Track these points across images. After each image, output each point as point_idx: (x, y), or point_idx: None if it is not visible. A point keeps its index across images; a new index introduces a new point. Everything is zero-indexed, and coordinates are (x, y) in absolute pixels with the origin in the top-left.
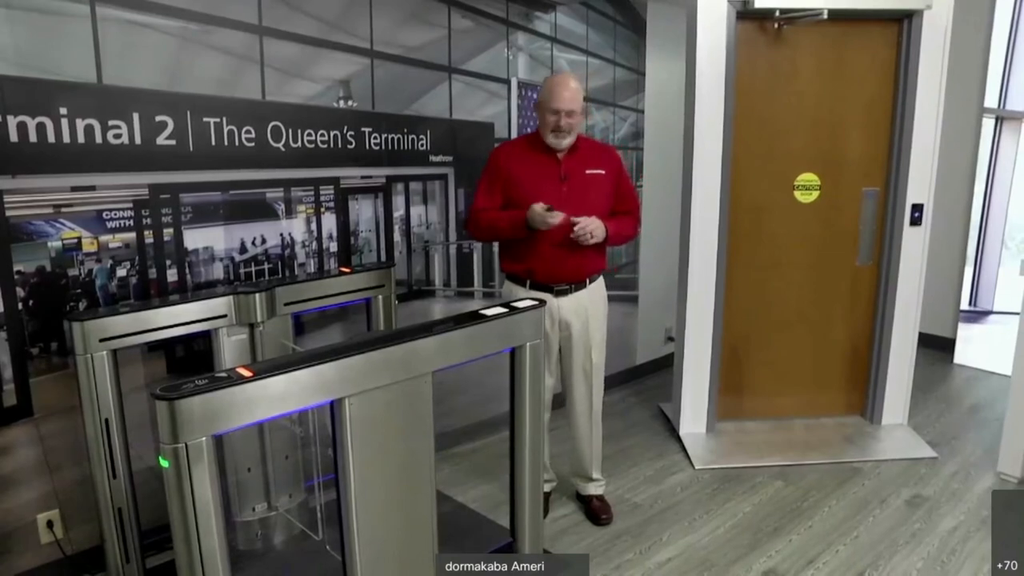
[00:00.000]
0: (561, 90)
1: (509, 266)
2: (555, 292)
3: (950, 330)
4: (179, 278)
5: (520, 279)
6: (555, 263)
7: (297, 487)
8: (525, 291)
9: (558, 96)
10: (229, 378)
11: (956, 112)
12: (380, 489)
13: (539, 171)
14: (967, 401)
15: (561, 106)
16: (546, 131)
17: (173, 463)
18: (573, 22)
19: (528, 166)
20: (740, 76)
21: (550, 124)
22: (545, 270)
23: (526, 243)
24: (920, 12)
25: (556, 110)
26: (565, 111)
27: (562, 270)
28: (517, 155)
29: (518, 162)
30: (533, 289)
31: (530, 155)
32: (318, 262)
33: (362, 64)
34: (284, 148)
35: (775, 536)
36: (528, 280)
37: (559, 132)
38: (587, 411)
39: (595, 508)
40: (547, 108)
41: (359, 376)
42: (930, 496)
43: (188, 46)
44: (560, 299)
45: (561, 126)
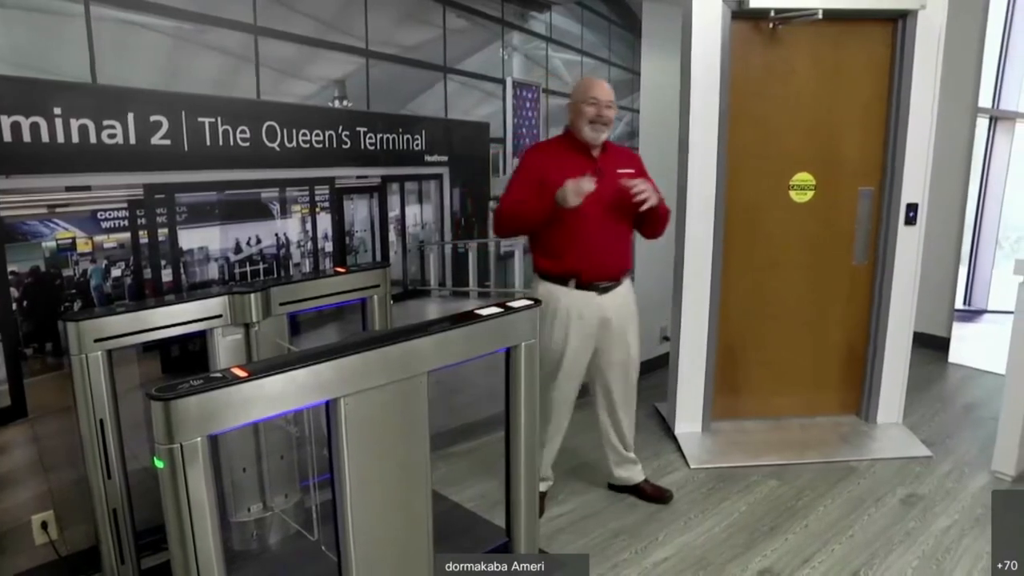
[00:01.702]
0: (599, 83)
1: (550, 266)
2: (600, 290)
3: (945, 329)
4: (174, 278)
5: (563, 280)
6: (600, 261)
7: (293, 487)
8: (567, 292)
9: (598, 87)
10: (224, 378)
11: (950, 112)
12: (376, 489)
13: (575, 169)
14: (962, 400)
15: (601, 96)
16: (583, 123)
17: (168, 463)
18: (568, 22)
19: (564, 164)
20: (735, 76)
21: (588, 115)
22: (591, 269)
23: (570, 243)
24: (914, 12)
25: (596, 100)
26: (605, 102)
27: (606, 267)
28: (552, 154)
29: (553, 160)
30: (578, 289)
31: (565, 153)
32: (313, 262)
33: (357, 64)
34: (279, 148)
35: (771, 535)
36: (573, 280)
37: (597, 124)
38: (627, 403)
39: (653, 492)
40: (585, 100)
41: (354, 376)
42: (925, 495)
43: (183, 46)
44: (603, 297)
45: (602, 116)
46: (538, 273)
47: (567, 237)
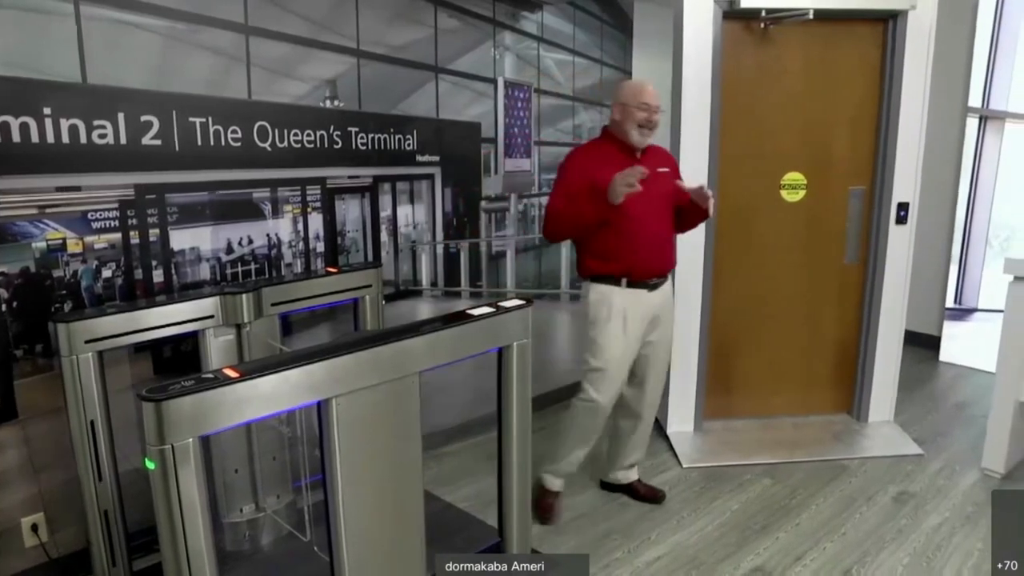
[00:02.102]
0: (650, 87)
1: (601, 267)
2: (650, 287)
3: (936, 328)
4: (165, 279)
5: (615, 279)
6: (650, 258)
7: (285, 488)
8: (620, 291)
9: (649, 92)
10: (216, 379)
11: (941, 111)
12: (368, 489)
13: (620, 169)
14: (953, 398)
15: (651, 101)
16: (632, 127)
17: (159, 465)
18: (560, 21)
19: (612, 167)
20: (726, 76)
21: (638, 120)
22: (644, 266)
23: (621, 242)
24: (905, 12)
25: (647, 104)
26: (654, 107)
27: (656, 264)
28: (599, 158)
29: (601, 164)
30: (629, 287)
31: (611, 156)
32: (305, 262)
33: (349, 64)
34: (271, 148)
35: (763, 534)
36: (625, 279)
37: (646, 129)
38: (655, 401)
39: (646, 492)
40: (636, 104)
41: (346, 376)
42: (916, 492)
43: (174, 45)
44: (652, 294)
45: (651, 121)
46: (588, 276)
47: (618, 237)
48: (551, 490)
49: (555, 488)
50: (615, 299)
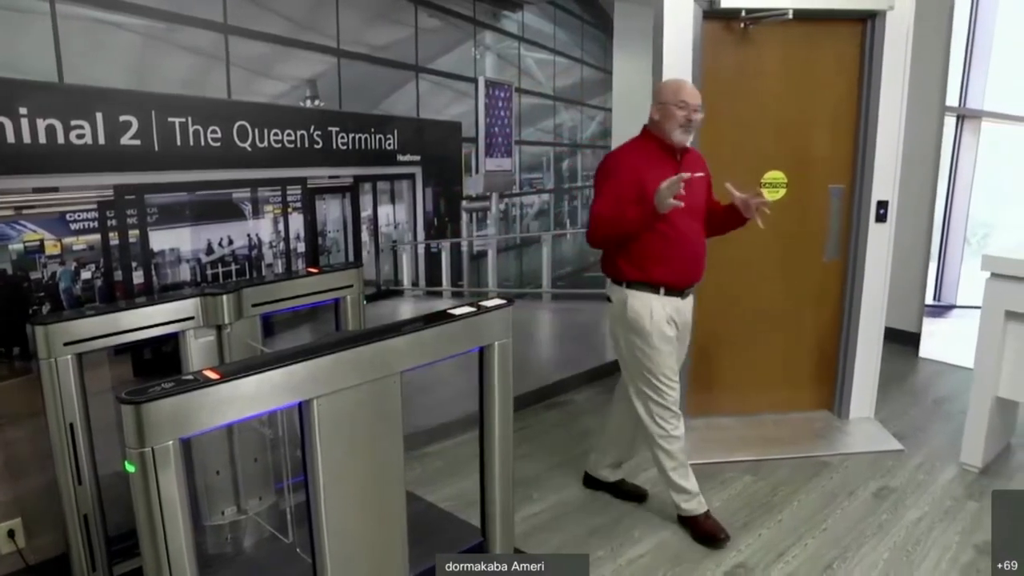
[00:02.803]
0: (689, 86)
1: (641, 274)
2: (683, 296)
3: (915, 325)
4: (145, 280)
5: (655, 287)
6: (692, 265)
7: (267, 489)
8: (660, 298)
9: (688, 91)
10: (196, 381)
11: (919, 110)
12: (350, 490)
13: (666, 173)
14: (932, 394)
15: (691, 99)
16: (674, 127)
17: (139, 468)
18: (541, 21)
19: (657, 169)
20: (707, 75)
21: (679, 119)
22: (685, 274)
23: (667, 250)
24: (883, 13)
25: (685, 103)
26: (694, 105)
27: (695, 271)
28: (643, 160)
29: (646, 166)
30: (667, 295)
31: (654, 158)
32: (286, 262)
33: (329, 63)
34: (251, 148)
35: (745, 531)
36: (663, 287)
37: (687, 128)
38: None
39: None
40: (675, 103)
41: (327, 377)
42: (896, 488)
43: (153, 44)
44: (683, 302)
45: (692, 119)
46: (624, 282)
47: (662, 245)
48: (697, 514)
49: (698, 510)
50: (655, 307)
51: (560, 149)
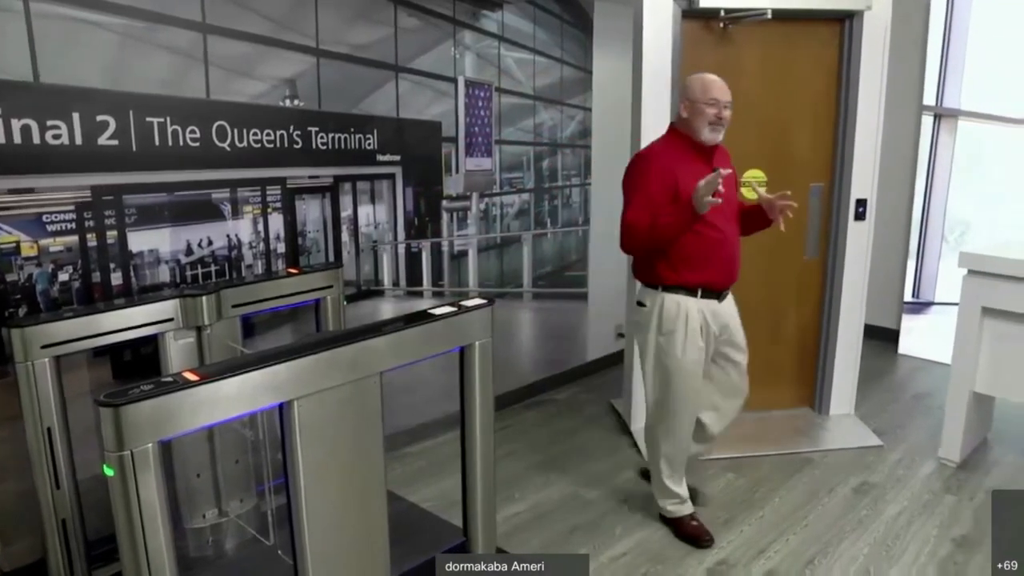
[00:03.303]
0: (717, 82)
1: (678, 277)
2: (721, 298)
3: (894, 321)
4: (124, 282)
5: (691, 290)
6: (730, 267)
7: (248, 492)
8: (696, 300)
9: (718, 87)
10: (175, 382)
11: (897, 110)
12: (330, 491)
13: (699, 173)
14: (911, 390)
15: (721, 96)
16: (703, 125)
17: (118, 471)
18: (520, 20)
19: (691, 169)
20: (686, 75)
21: (709, 117)
22: (723, 275)
23: (706, 252)
24: (861, 13)
25: (716, 100)
26: (724, 102)
27: (732, 273)
28: (675, 159)
29: (679, 166)
30: (704, 298)
31: (687, 157)
32: (266, 263)
33: (308, 63)
34: (230, 148)
35: (727, 527)
36: (701, 289)
37: (717, 125)
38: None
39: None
40: (705, 100)
41: (307, 377)
42: (876, 483)
43: (130, 44)
44: (723, 303)
45: (723, 117)
46: (659, 285)
47: (700, 246)
48: (687, 515)
49: (689, 511)
50: (692, 309)
51: (540, 149)
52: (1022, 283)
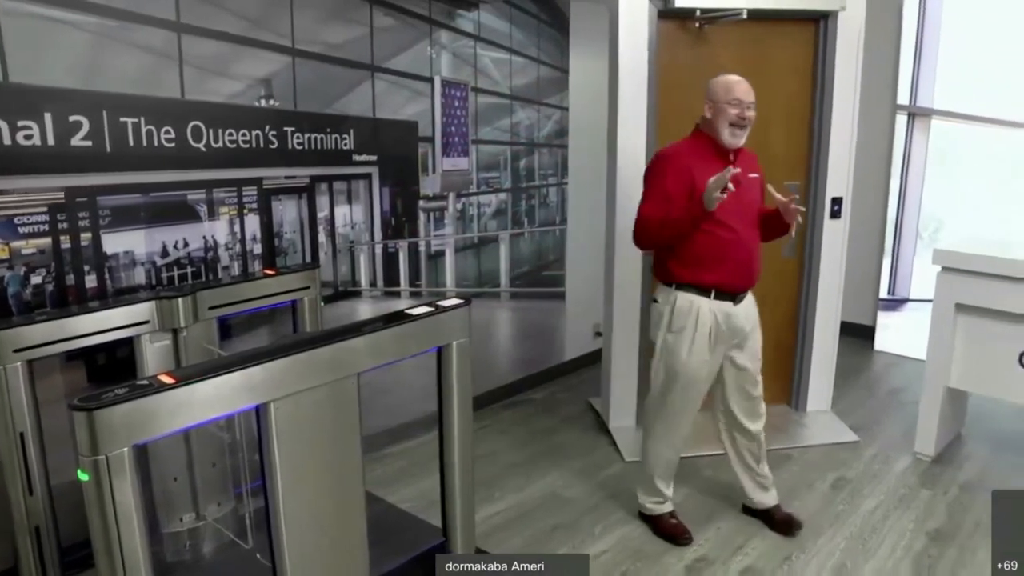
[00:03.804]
0: (740, 83)
1: (691, 276)
2: (736, 300)
3: (870, 318)
4: (98, 284)
5: (705, 290)
6: (745, 268)
7: (226, 495)
8: (709, 301)
9: (741, 87)
10: (150, 386)
11: (871, 109)
12: (308, 493)
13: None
14: (886, 386)
15: (744, 97)
16: (724, 126)
17: (93, 476)
18: (496, 20)
19: (710, 169)
20: (662, 74)
21: (730, 118)
22: (736, 277)
23: (718, 252)
24: (835, 13)
25: (739, 100)
26: (747, 103)
27: (749, 275)
28: (695, 159)
29: (698, 165)
30: (717, 299)
31: (707, 157)
32: (242, 264)
33: (283, 62)
34: (205, 148)
35: (705, 525)
36: (714, 290)
37: (738, 127)
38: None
39: (783, 519)
40: (727, 100)
41: (284, 379)
42: (853, 478)
43: (103, 43)
44: (738, 306)
45: (744, 118)
46: (672, 283)
47: (713, 245)
48: (667, 513)
49: (668, 510)
50: (703, 309)
51: (517, 148)
52: (994, 279)
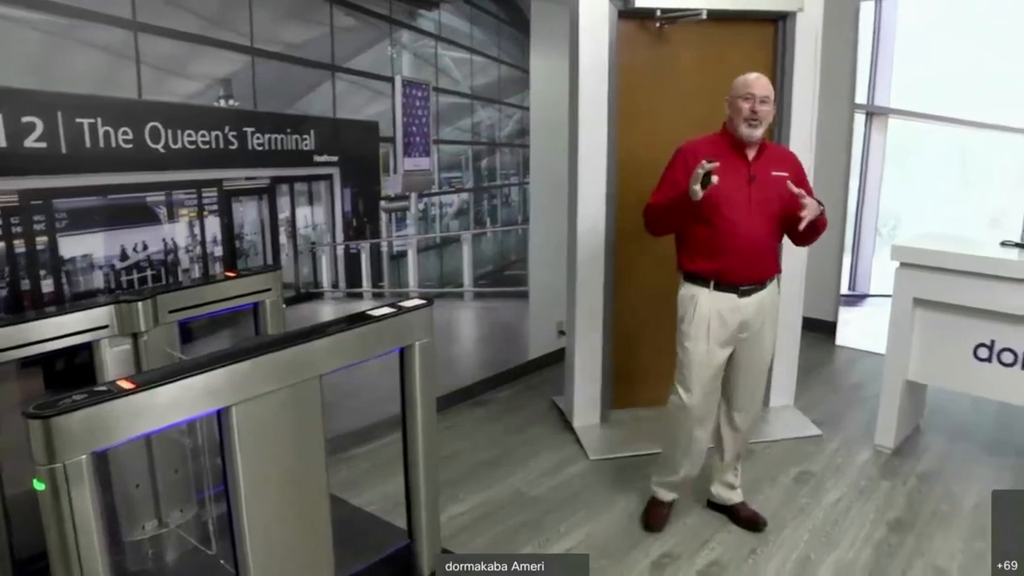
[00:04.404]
0: (755, 78)
1: (692, 265)
2: (740, 293)
3: (831, 314)
4: (55, 289)
5: (704, 280)
6: (743, 263)
7: (189, 501)
8: (709, 292)
9: (753, 83)
10: (109, 392)
11: (830, 108)
12: (272, 497)
13: (729, 169)
14: (848, 380)
15: (756, 91)
16: (739, 120)
17: (49, 485)
18: (457, 20)
19: (723, 163)
20: (623, 74)
21: (744, 112)
22: (736, 270)
23: (714, 244)
24: (793, 14)
25: (750, 95)
26: (759, 97)
27: (751, 270)
28: (709, 153)
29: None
30: (717, 291)
31: (722, 152)
32: (203, 267)
33: (243, 62)
34: (164, 149)
35: (671, 520)
36: (714, 281)
37: (752, 121)
38: (752, 412)
39: (748, 517)
40: (740, 96)
41: (244, 383)
42: (816, 472)
43: (56, 42)
44: (744, 299)
45: (757, 111)
46: (682, 274)
47: (711, 238)
48: (662, 500)
49: (666, 499)
50: (701, 300)
51: (479, 148)
52: (950, 274)
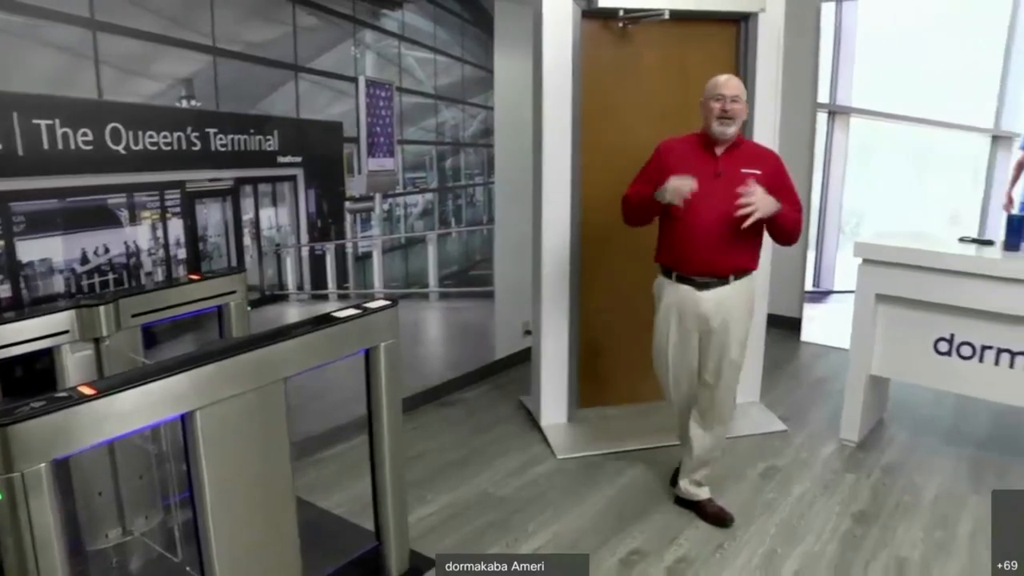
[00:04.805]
0: (724, 79)
1: (659, 257)
2: (697, 285)
3: (796, 310)
4: (13, 294)
5: (667, 271)
6: (701, 256)
7: (154, 508)
8: (671, 283)
9: (723, 84)
10: (70, 398)
11: (793, 107)
12: (237, 502)
13: (695, 165)
14: (813, 376)
15: (726, 91)
16: (711, 119)
17: (7, 495)
18: (421, 20)
19: (686, 160)
20: (587, 73)
21: (715, 111)
22: (691, 262)
23: (676, 236)
24: (755, 15)
25: (721, 95)
26: (730, 96)
27: (705, 262)
28: (678, 149)
29: (677, 156)
30: (679, 282)
31: (690, 150)
32: (166, 270)
33: (204, 61)
34: (125, 151)
35: (639, 518)
36: (675, 272)
37: (724, 119)
38: (711, 409)
39: (715, 513)
40: (712, 96)
41: (208, 387)
42: (782, 467)
43: (10, 41)
44: (703, 292)
45: (727, 110)
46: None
47: (675, 231)
48: (703, 499)
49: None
50: (665, 291)
51: (443, 148)
52: (911, 270)
